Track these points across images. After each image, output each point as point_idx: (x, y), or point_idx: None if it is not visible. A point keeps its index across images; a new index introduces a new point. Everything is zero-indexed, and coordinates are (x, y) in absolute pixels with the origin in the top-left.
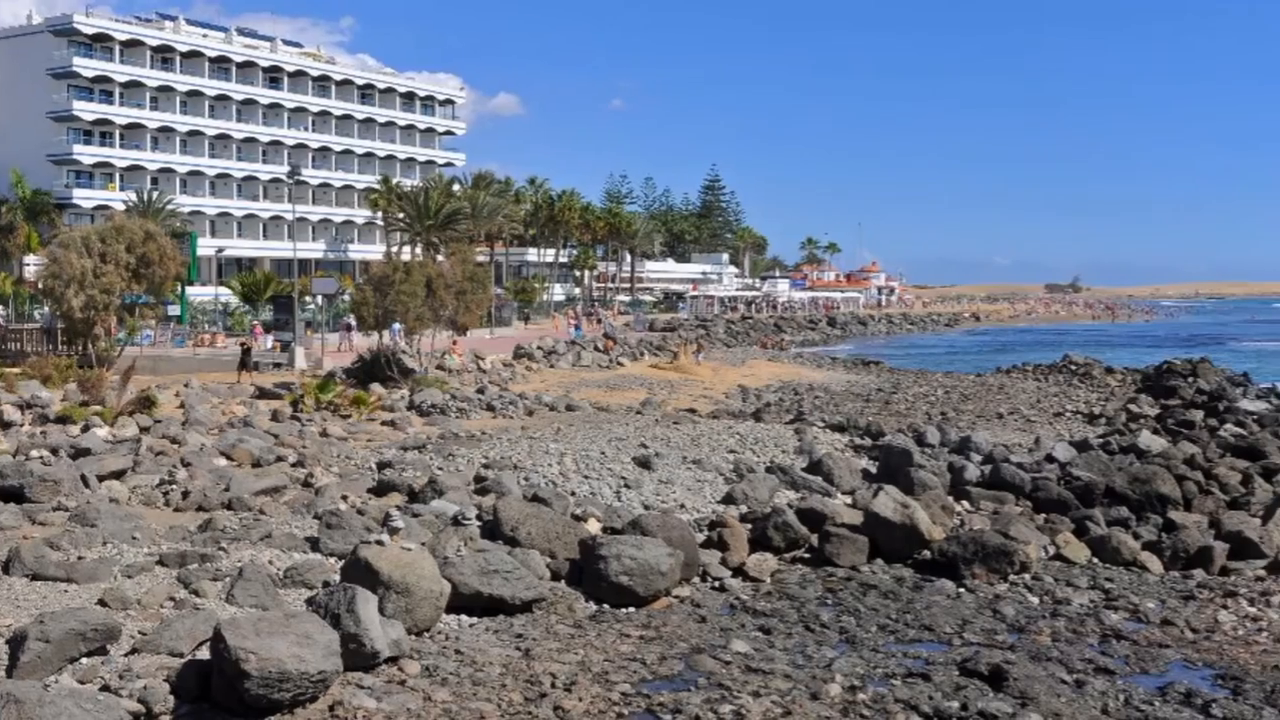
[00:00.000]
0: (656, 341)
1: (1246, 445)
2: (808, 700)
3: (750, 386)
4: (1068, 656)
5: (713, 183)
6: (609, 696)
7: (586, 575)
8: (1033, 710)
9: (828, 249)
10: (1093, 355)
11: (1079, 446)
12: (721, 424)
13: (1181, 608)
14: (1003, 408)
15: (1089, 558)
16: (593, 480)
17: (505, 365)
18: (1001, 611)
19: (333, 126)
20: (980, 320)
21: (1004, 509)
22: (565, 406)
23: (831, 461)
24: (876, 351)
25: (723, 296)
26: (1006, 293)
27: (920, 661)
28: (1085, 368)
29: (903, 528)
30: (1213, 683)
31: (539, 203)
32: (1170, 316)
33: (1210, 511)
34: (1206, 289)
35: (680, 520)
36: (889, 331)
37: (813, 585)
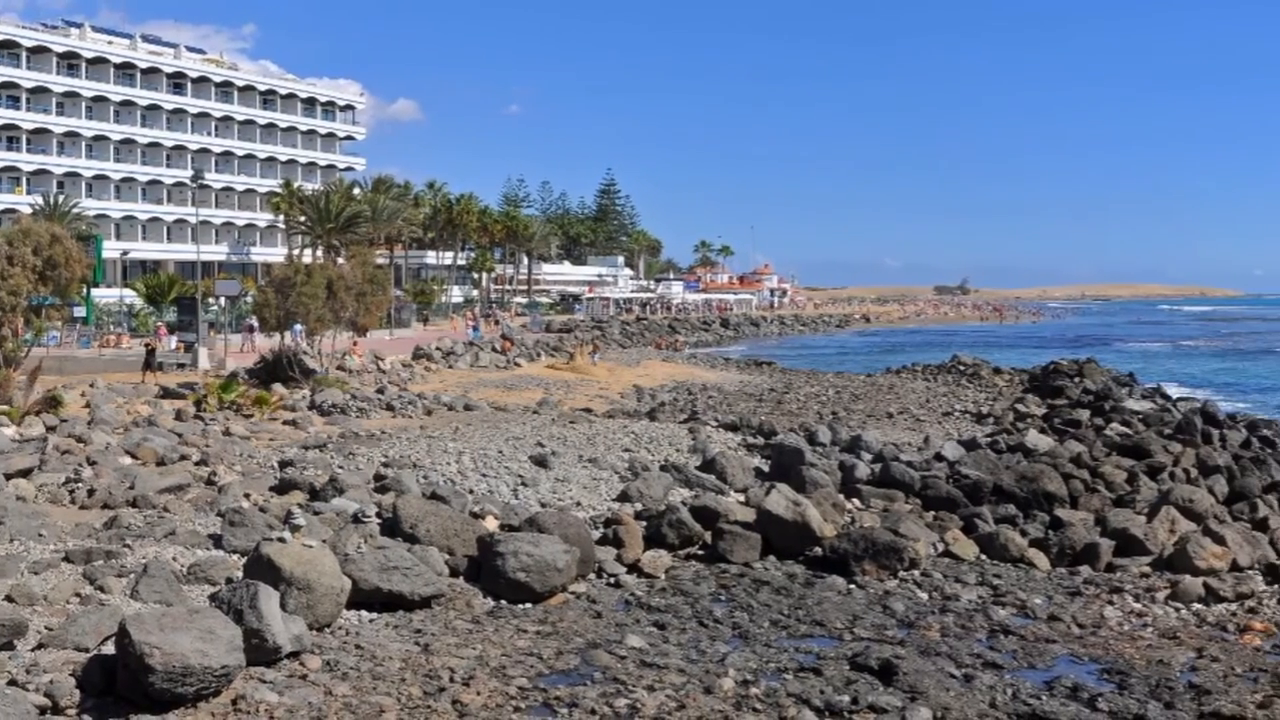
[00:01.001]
0: (553, 342)
1: (1132, 444)
2: (701, 694)
3: (645, 386)
4: (956, 651)
5: (608, 187)
6: (506, 690)
7: (484, 572)
8: (922, 704)
9: (721, 252)
10: (981, 356)
11: (967, 445)
12: (617, 423)
13: (1068, 604)
14: (893, 407)
15: (977, 554)
16: (490, 478)
17: (404, 366)
18: (891, 607)
19: (235, 131)
20: (870, 321)
21: (894, 506)
22: (463, 406)
23: (725, 460)
24: (769, 352)
25: (618, 298)
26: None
27: (812, 656)
28: (973, 368)
29: (795, 525)
30: (1099, 677)
31: (438, 206)
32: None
33: (1096, 509)
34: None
35: (576, 518)
36: (781, 332)
37: (706, 581)
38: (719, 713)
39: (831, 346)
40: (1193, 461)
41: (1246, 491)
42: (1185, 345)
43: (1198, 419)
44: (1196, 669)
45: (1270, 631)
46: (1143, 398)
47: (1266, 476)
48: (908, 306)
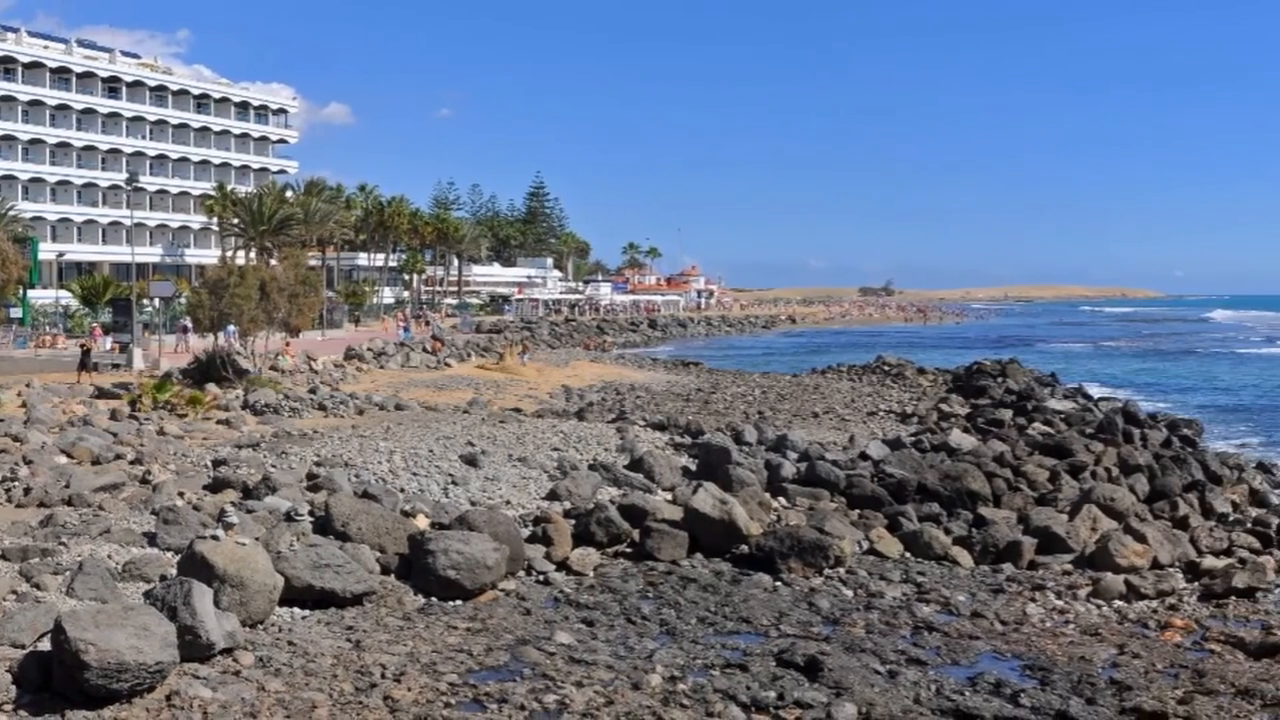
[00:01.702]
0: (483, 343)
1: (1054, 443)
2: (629, 690)
3: (574, 386)
4: (881, 648)
5: (537, 189)
6: (437, 686)
7: (415, 569)
8: (847, 700)
9: (649, 253)
10: (905, 356)
11: (892, 445)
12: (546, 423)
13: (991, 601)
14: (818, 407)
15: (902, 552)
16: (421, 477)
17: (336, 366)
18: (817, 604)
19: (170, 135)
20: (796, 322)
21: (819, 505)
22: (395, 406)
23: (652, 459)
24: (696, 353)
25: (547, 299)
26: (822, 295)
27: (738, 653)
28: (898, 368)
29: (721, 523)
30: (1021, 673)
31: (369, 209)
32: (980, 319)
33: (1019, 508)
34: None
35: (506, 516)
36: (708, 333)
37: (634, 579)
38: (646, 708)
39: (758, 347)
40: (1114, 460)
41: (1167, 490)
42: (1106, 346)
43: (1119, 419)
44: (1118, 665)
45: (1190, 628)
46: (1065, 398)
47: (1187, 475)
48: (833, 308)
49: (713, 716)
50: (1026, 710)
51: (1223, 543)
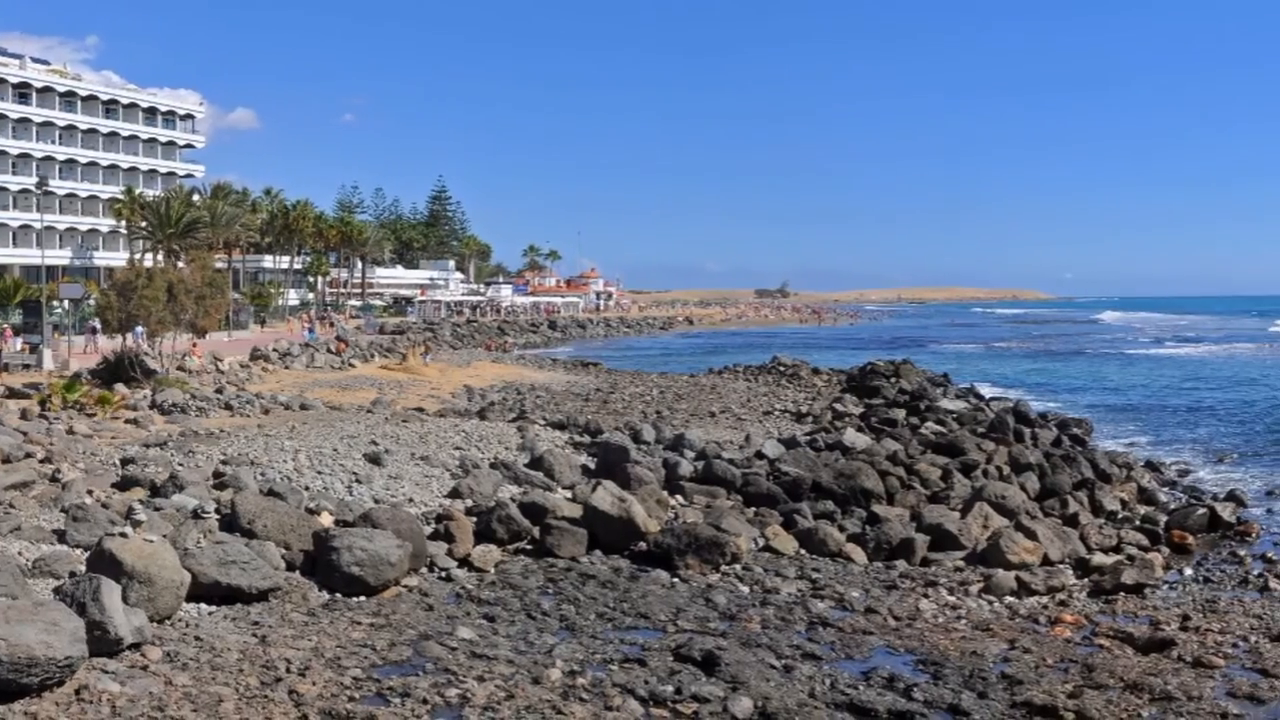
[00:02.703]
0: (386, 344)
1: (946, 442)
2: (530, 684)
3: (475, 386)
4: (776, 643)
5: (440, 193)
6: (341, 681)
7: (320, 566)
8: (743, 694)
9: (549, 256)
10: (800, 357)
11: (787, 444)
12: (448, 422)
13: (885, 597)
14: (715, 407)
15: (797, 549)
16: (326, 476)
17: (242, 366)
18: (714, 600)
19: (79, 140)
20: (693, 324)
21: (716, 503)
22: (299, 406)
23: (552, 458)
24: (595, 353)
25: (449, 301)
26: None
27: (636, 648)
28: (793, 369)
29: (620, 521)
30: (914, 668)
31: (275, 212)
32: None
33: (912, 505)
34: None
35: (409, 514)
36: (607, 334)
37: (534, 575)
38: (547, 702)
39: (655, 348)
40: (1005, 459)
41: (1057, 488)
42: (998, 346)
43: (1010, 418)
44: (1009, 660)
45: (1080, 624)
46: (957, 397)
47: (1077, 474)
48: (729, 309)
49: (611, 710)
50: (919, 704)
51: (1112, 540)
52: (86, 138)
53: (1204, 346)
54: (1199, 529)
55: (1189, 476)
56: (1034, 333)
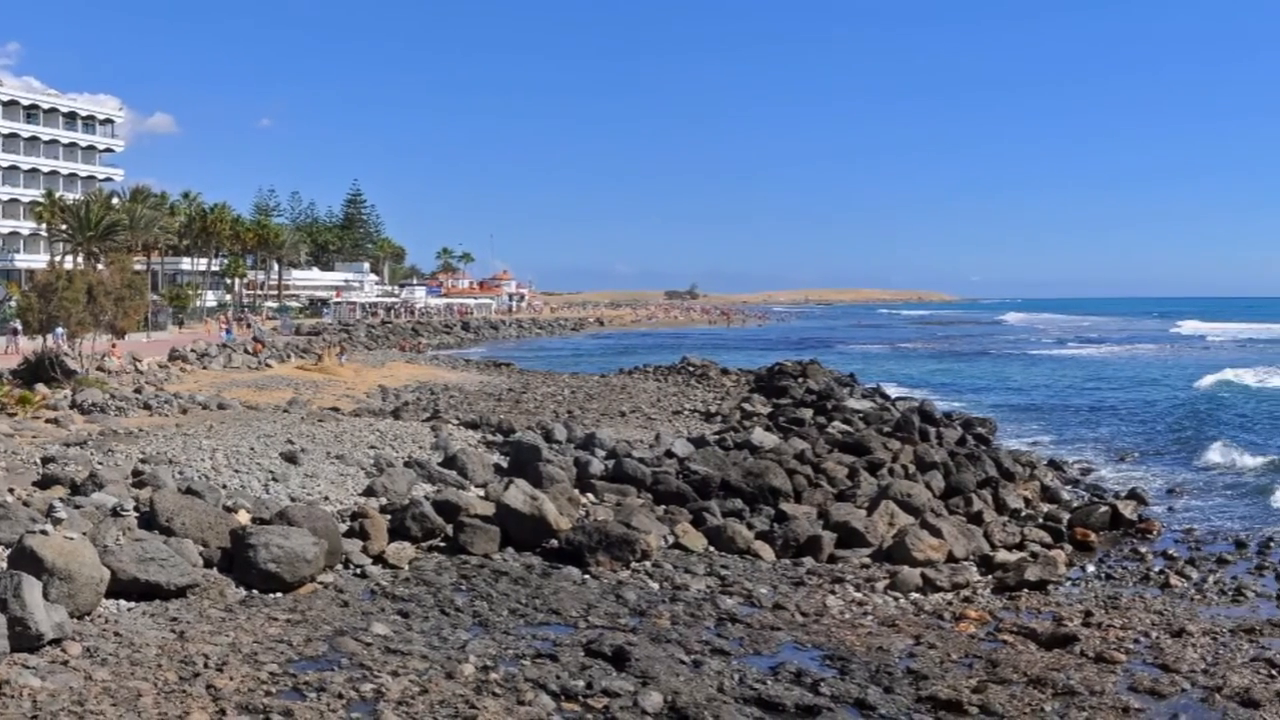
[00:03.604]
0: (302, 344)
1: (853, 441)
2: (443, 679)
3: (390, 386)
4: (686, 638)
5: (354, 196)
6: (258, 676)
7: (237, 563)
8: (653, 689)
9: (462, 258)
10: (709, 357)
11: (697, 443)
12: (363, 422)
13: (792, 593)
14: (625, 406)
15: (706, 546)
16: (243, 474)
17: (161, 367)
18: (624, 597)
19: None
20: (604, 325)
21: (626, 501)
22: (217, 405)
23: (465, 457)
24: (507, 354)
25: (364, 303)
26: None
27: (548, 643)
28: (702, 369)
29: (532, 518)
30: (821, 663)
31: (192, 215)
32: (782, 321)
33: (819, 503)
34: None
35: (324, 511)
36: (519, 335)
37: (448, 572)
38: (460, 697)
39: (567, 348)
40: (911, 458)
41: (962, 487)
42: (904, 347)
43: (915, 417)
44: (914, 655)
45: (984, 619)
46: (863, 397)
47: (981, 472)
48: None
49: (523, 705)
50: (826, 699)
51: (1015, 537)
52: (8, 142)
53: (1106, 347)
54: (1101, 526)
55: (1091, 475)
56: (939, 333)
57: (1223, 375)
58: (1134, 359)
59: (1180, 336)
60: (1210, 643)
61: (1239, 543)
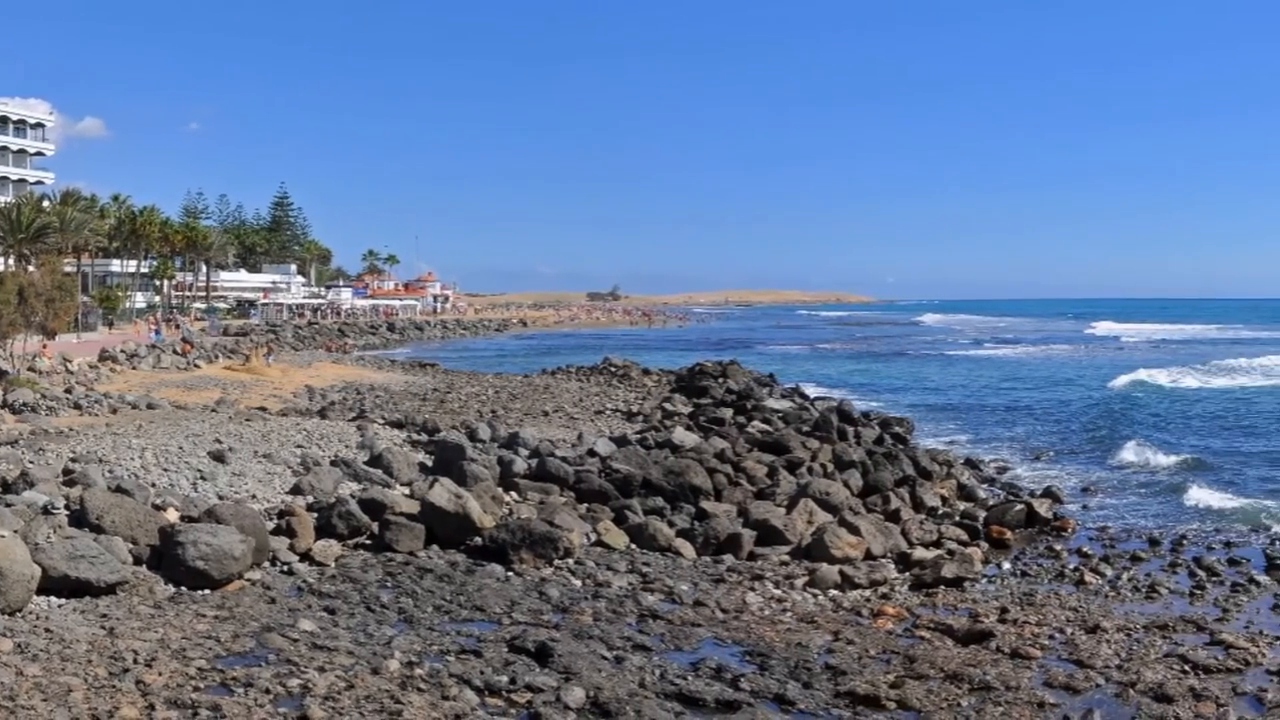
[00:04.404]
0: (230, 345)
1: (772, 441)
2: (369, 675)
3: (316, 386)
4: (608, 635)
5: (281, 199)
6: (186, 671)
7: (166, 560)
8: (576, 684)
9: (387, 260)
10: (631, 358)
11: (618, 442)
12: (290, 421)
13: (713, 590)
14: (548, 406)
15: (628, 544)
16: (172, 473)
17: (91, 367)
18: (547, 593)
19: None
20: (527, 326)
21: (549, 499)
22: (146, 405)
23: (391, 455)
24: (432, 354)
25: (291, 304)
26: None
27: (473, 639)
28: (624, 369)
29: (456, 516)
30: (741, 658)
31: (122, 218)
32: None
33: (739, 502)
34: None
35: (252, 510)
36: (444, 336)
37: (374, 569)
38: (385, 692)
39: (491, 349)
40: (829, 457)
41: (879, 485)
42: (822, 348)
43: (834, 417)
44: (833, 651)
45: (901, 616)
46: (782, 397)
47: (898, 471)
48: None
49: (448, 700)
50: (746, 694)
51: (932, 535)
52: None
53: (1022, 348)
54: (1017, 524)
55: (1007, 474)
56: (857, 334)
57: (1136, 375)
58: (1049, 359)
59: (1094, 337)
60: (1124, 639)
61: (1152, 540)
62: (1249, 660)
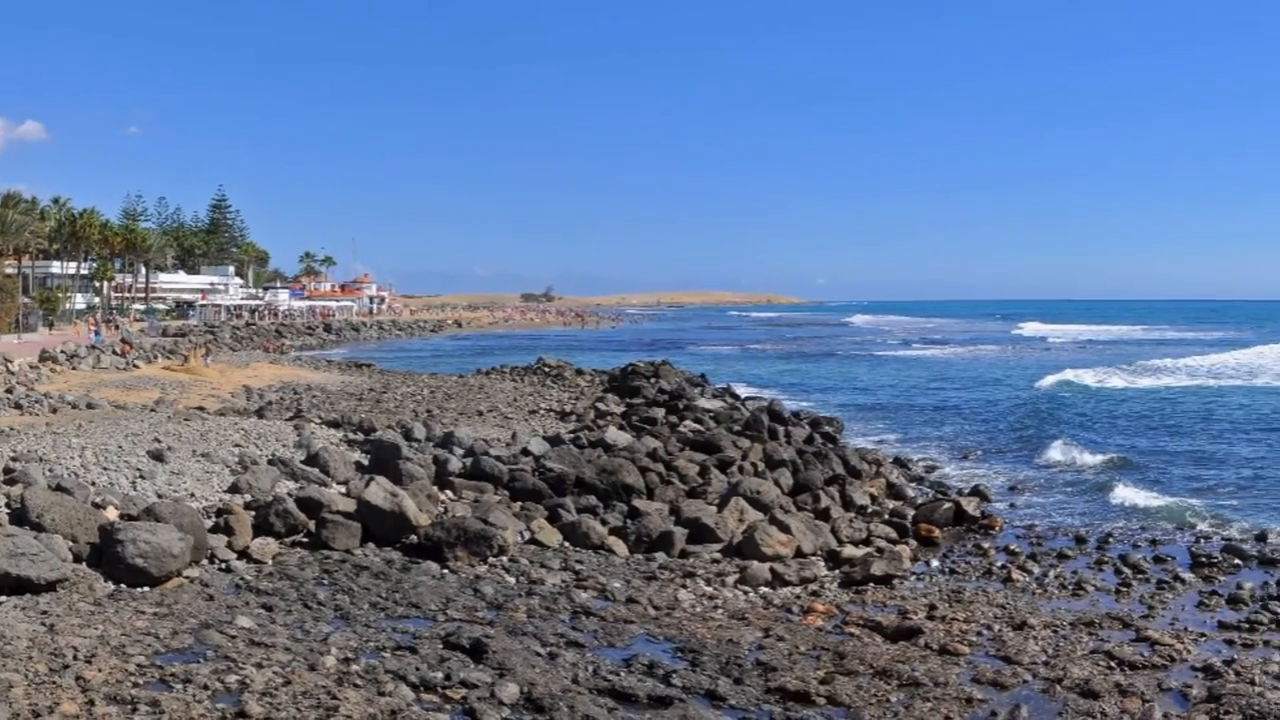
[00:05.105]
0: (169, 346)
1: (704, 440)
2: (306, 671)
3: (254, 387)
4: (542, 631)
5: (220, 202)
6: (126, 667)
7: (106, 558)
8: (510, 680)
9: (324, 262)
10: (564, 358)
11: (552, 441)
12: (228, 421)
13: (645, 587)
14: (483, 406)
15: (561, 542)
16: (111, 471)
17: (32, 367)
18: (482, 591)
19: None
20: (463, 326)
21: (484, 498)
22: (86, 405)
23: (327, 454)
24: (369, 355)
25: (229, 305)
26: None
27: (408, 636)
28: (558, 369)
29: (392, 514)
30: (673, 655)
31: (62, 220)
32: (635, 323)
33: (671, 500)
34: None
35: (190, 508)
36: (380, 337)
37: (311, 567)
38: (322, 688)
39: (426, 349)
40: (760, 456)
41: (809, 484)
42: (753, 348)
43: (765, 416)
44: (764, 648)
45: (831, 613)
46: (714, 397)
47: (828, 470)
48: (497, 313)
49: (384, 696)
50: (678, 690)
51: (862, 533)
52: None
53: (950, 348)
54: (945, 522)
55: (935, 472)
56: (787, 335)
57: (1063, 375)
58: (977, 360)
59: (1022, 338)
60: (1051, 635)
61: (1079, 538)
62: (1174, 656)
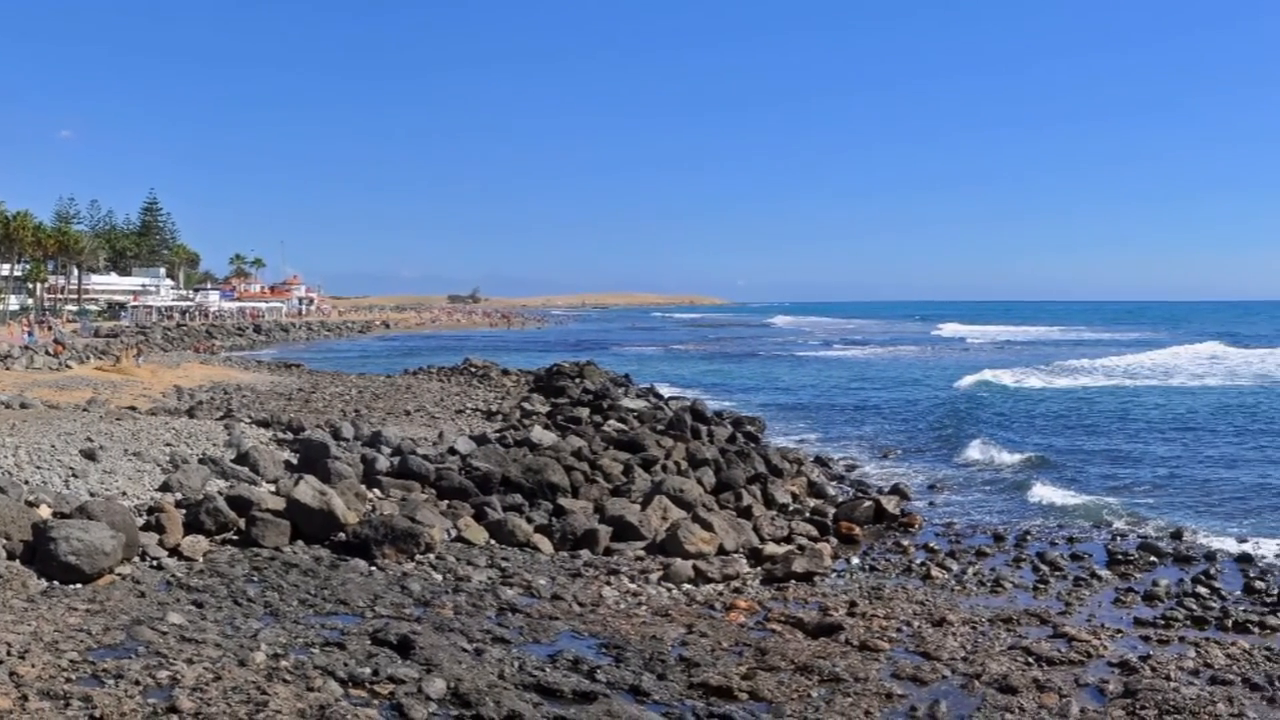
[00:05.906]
0: (101, 346)
1: (628, 439)
2: (236, 667)
3: (185, 386)
4: (468, 627)
5: (151, 205)
6: (58, 663)
7: (39, 555)
8: (437, 675)
9: (254, 264)
10: (491, 358)
11: (478, 440)
12: (159, 420)
13: (570, 584)
14: (410, 406)
15: (487, 539)
16: (44, 470)
17: None
18: (409, 588)
19: None
20: (390, 327)
21: (411, 496)
22: (19, 404)
23: (257, 454)
24: (298, 355)
25: (160, 306)
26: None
27: (337, 632)
28: (484, 370)
29: (321, 513)
30: (598, 651)
31: None
32: (560, 324)
33: (595, 498)
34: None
35: (123, 506)
36: (309, 338)
37: (241, 564)
38: (252, 683)
39: (354, 350)
40: (683, 455)
41: (732, 482)
42: (676, 349)
43: (688, 416)
44: (687, 644)
45: (754, 610)
46: (638, 396)
47: (750, 468)
48: (424, 314)
49: (313, 691)
50: (602, 685)
51: (783, 531)
52: None
53: (870, 349)
54: (865, 520)
55: (856, 471)
56: (710, 336)
57: (981, 375)
58: (896, 360)
59: (941, 338)
60: (970, 632)
61: (997, 536)
62: (1091, 652)
